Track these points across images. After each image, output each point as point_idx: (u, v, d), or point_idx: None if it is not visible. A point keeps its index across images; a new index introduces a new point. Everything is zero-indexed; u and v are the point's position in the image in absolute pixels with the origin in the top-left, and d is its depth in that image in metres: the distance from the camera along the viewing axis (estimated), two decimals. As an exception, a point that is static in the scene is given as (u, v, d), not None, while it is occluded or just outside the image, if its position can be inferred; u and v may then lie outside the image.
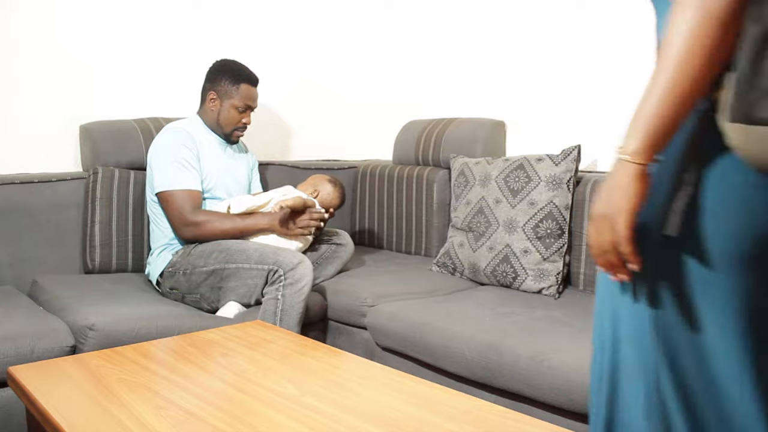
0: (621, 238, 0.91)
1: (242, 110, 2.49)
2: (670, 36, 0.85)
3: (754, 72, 0.80)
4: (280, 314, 2.11)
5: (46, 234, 2.45)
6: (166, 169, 2.35)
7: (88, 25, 2.67)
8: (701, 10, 0.82)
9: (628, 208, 0.89)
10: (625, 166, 0.89)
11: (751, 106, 0.80)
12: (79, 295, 2.16)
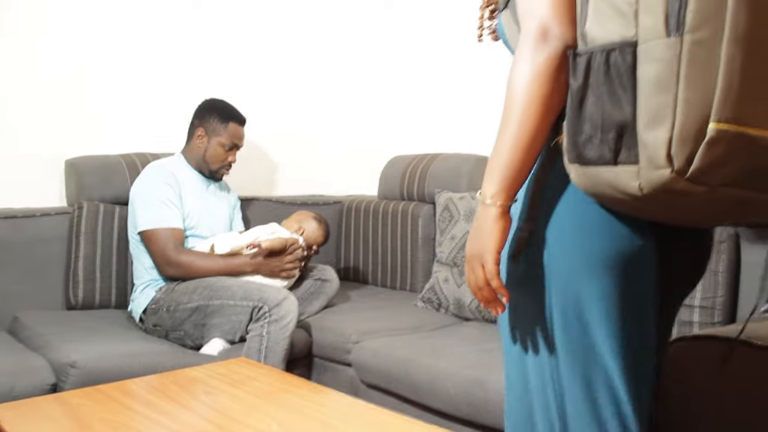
0: (490, 274, 1.01)
1: (229, 148, 2.51)
2: (510, 90, 0.97)
3: (579, 120, 0.91)
4: (265, 351, 2.10)
5: (28, 269, 2.43)
6: (148, 208, 2.35)
7: (75, 60, 2.69)
8: (532, 66, 0.95)
9: (493, 246, 1.00)
10: (487, 209, 1.00)
11: (581, 149, 0.91)
12: (60, 332, 2.14)
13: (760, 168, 0.84)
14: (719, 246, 2.01)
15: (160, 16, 2.88)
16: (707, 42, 0.81)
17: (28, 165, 2.60)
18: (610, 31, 0.88)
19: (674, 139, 0.82)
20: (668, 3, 0.82)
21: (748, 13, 0.80)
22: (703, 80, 0.81)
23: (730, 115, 0.80)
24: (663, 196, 0.86)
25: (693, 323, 2.03)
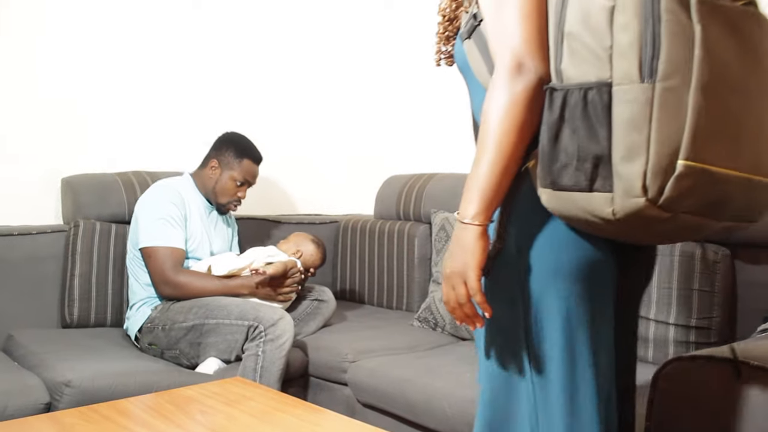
0: (473, 290, 1.08)
1: (240, 184, 2.52)
2: (486, 118, 1.05)
3: (554, 149, 1.01)
4: (261, 371, 2.09)
5: (24, 287, 2.42)
6: (152, 225, 2.35)
7: (72, 79, 2.70)
8: (508, 96, 1.03)
9: (475, 263, 1.07)
10: (467, 229, 1.07)
11: (555, 176, 1.01)
12: (55, 351, 2.13)
13: (716, 200, 0.97)
14: (714, 266, 2.02)
15: (157, 35, 2.90)
16: (676, 89, 0.92)
17: (25, 183, 2.60)
18: (586, 72, 0.97)
19: (648, 173, 0.92)
20: (641, 52, 0.92)
21: (710, 65, 0.92)
22: (673, 122, 0.92)
23: (696, 154, 0.92)
24: (634, 221, 0.96)
25: (690, 343, 2.03)
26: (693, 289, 2.05)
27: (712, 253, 2.04)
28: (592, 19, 0.97)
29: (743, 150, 0.97)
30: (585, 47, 0.97)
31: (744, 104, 0.97)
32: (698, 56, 0.91)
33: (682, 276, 2.08)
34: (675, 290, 2.09)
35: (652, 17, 0.93)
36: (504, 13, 1.06)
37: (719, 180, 0.94)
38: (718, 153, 0.94)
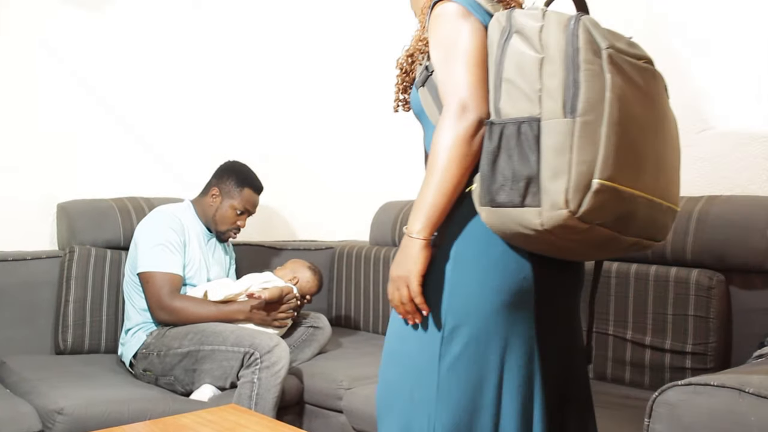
0: (414, 293, 1.28)
1: (240, 213, 2.53)
2: (435, 150, 1.25)
3: (492, 172, 1.20)
4: (256, 398, 2.08)
5: (17, 313, 2.41)
6: (151, 250, 2.35)
7: (68, 104, 2.72)
8: (453, 133, 1.24)
9: (417, 271, 1.27)
10: (413, 241, 1.27)
11: (494, 195, 1.20)
12: (48, 377, 2.11)
13: (623, 215, 1.16)
14: (709, 292, 2.03)
15: (154, 60, 2.93)
16: (592, 123, 1.12)
17: (20, 208, 2.60)
18: (520, 110, 1.19)
19: (570, 189, 1.12)
20: (565, 93, 1.14)
21: (618, 106, 1.14)
22: (589, 149, 1.12)
23: (607, 175, 1.12)
24: (558, 231, 1.15)
25: (686, 369, 2.03)
26: (688, 315, 2.06)
27: (706, 278, 2.04)
28: (525, 68, 1.19)
29: (644, 175, 1.19)
30: (519, 90, 1.19)
31: (644, 138, 1.19)
32: (608, 98, 1.13)
33: (677, 302, 2.09)
34: (670, 316, 2.10)
35: (573, 66, 1.14)
36: (451, 65, 1.28)
37: (625, 197, 1.15)
38: (625, 175, 1.14)
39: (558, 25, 1.18)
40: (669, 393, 1.38)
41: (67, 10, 2.70)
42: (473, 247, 1.26)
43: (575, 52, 1.15)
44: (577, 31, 1.16)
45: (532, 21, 1.21)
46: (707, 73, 2.33)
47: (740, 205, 2.06)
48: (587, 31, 1.17)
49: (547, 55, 1.17)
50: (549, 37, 1.18)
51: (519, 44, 1.21)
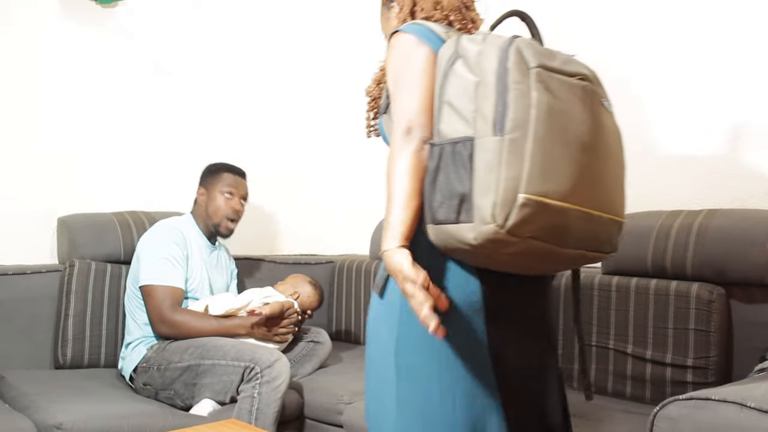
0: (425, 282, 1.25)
1: (228, 195, 2.53)
2: (389, 173, 1.32)
3: (433, 191, 1.25)
4: (256, 413, 2.07)
5: (17, 328, 2.40)
6: (153, 264, 2.35)
7: (68, 118, 2.72)
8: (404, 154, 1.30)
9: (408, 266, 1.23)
10: (389, 251, 1.28)
11: (434, 212, 1.25)
12: (47, 392, 2.11)
13: (555, 227, 1.20)
14: (710, 305, 2.03)
15: (154, 75, 2.94)
16: (519, 140, 1.17)
17: (21, 222, 2.60)
18: (456, 130, 1.24)
19: (497, 204, 1.16)
20: (495, 114, 1.19)
21: (543, 124, 1.18)
22: (516, 166, 1.16)
23: (532, 189, 1.16)
24: (490, 245, 1.18)
25: (687, 383, 2.02)
26: (689, 329, 2.05)
27: (707, 292, 2.04)
28: (463, 91, 1.25)
29: (578, 189, 1.21)
30: (457, 112, 1.25)
31: (577, 153, 1.22)
32: (534, 115, 1.18)
33: (677, 315, 2.08)
34: (671, 330, 2.09)
35: (503, 87, 1.20)
36: (399, 91, 1.35)
37: (554, 211, 1.18)
38: (553, 189, 1.18)
39: (493, 48, 1.24)
40: (670, 407, 1.38)
41: (67, 25, 2.72)
42: (423, 263, 1.26)
43: (505, 73, 1.21)
44: (509, 52, 1.22)
45: (474, 45, 1.28)
46: (707, 81, 2.34)
47: (740, 219, 2.06)
48: (518, 52, 1.22)
49: (482, 78, 1.23)
50: (485, 60, 1.24)
51: (460, 68, 1.28)
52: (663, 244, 2.16)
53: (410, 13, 1.49)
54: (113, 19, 2.83)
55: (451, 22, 1.48)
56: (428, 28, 1.38)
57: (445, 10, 1.48)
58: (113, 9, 2.83)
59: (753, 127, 2.25)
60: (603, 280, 2.30)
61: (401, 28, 1.40)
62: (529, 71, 1.21)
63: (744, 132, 2.27)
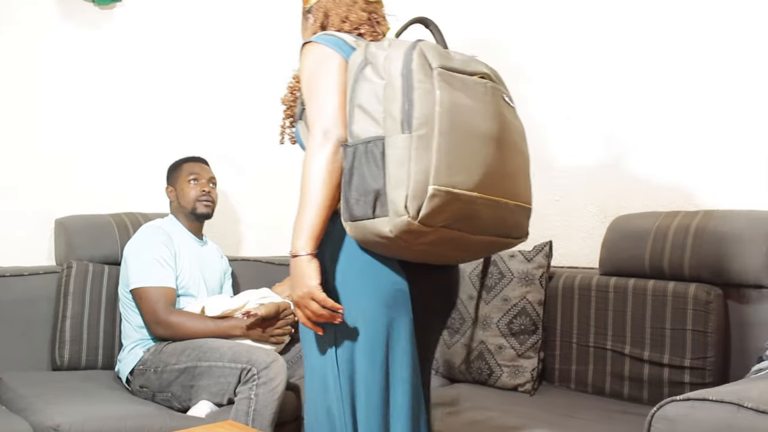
0: (323, 301, 1.39)
1: (193, 182, 2.55)
2: (305, 174, 1.40)
3: (348, 190, 1.35)
4: (253, 414, 2.07)
5: (14, 329, 2.39)
6: (141, 266, 2.35)
7: (66, 120, 2.72)
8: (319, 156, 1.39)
9: (315, 284, 1.38)
10: (300, 259, 1.39)
11: (351, 210, 1.35)
12: (44, 393, 2.10)
13: (465, 215, 1.31)
14: (707, 306, 2.03)
15: (151, 77, 2.94)
16: (425, 136, 1.27)
17: (18, 223, 2.60)
18: (368, 131, 1.34)
19: (409, 197, 1.25)
20: (402, 113, 1.28)
21: (447, 120, 1.28)
22: (425, 160, 1.26)
23: (441, 181, 1.26)
24: (405, 236, 1.29)
25: (684, 384, 2.03)
26: (686, 330, 2.05)
27: (704, 293, 2.04)
28: (373, 94, 1.35)
29: (483, 178, 1.32)
30: (367, 113, 1.35)
31: (482, 146, 1.33)
32: (438, 112, 1.28)
33: (675, 316, 2.09)
34: (668, 330, 2.10)
35: (408, 87, 1.29)
36: (313, 97, 1.45)
37: (462, 199, 1.29)
38: (460, 179, 1.28)
39: (398, 52, 1.34)
40: (667, 408, 1.38)
41: (65, 27, 2.72)
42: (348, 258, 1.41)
43: (410, 74, 1.30)
44: (413, 55, 1.32)
45: (381, 51, 1.38)
46: (707, 77, 2.35)
47: (737, 220, 2.06)
48: (421, 54, 1.32)
49: (389, 80, 1.33)
50: (391, 63, 1.34)
51: (370, 74, 1.38)
52: (660, 245, 2.16)
53: (321, 26, 1.61)
54: (111, 21, 2.83)
55: (362, 34, 1.59)
56: (339, 38, 1.50)
57: (354, 24, 1.59)
58: (111, 10, 2.83)
59: (747, 128, 2.25)
60: (601, 281, 2.30)
61: (313, 38, 1.51)
62: (432, 71, 1.31)
63: (739, 133, 2.27)
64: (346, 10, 1.60)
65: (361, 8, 1.61)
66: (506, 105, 1.43)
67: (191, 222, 2.57)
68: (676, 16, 2.40)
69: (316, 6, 1.64)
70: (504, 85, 1.47)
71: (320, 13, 1.63)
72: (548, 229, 2.71)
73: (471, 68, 1.39)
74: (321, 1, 1.64)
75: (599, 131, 2.61)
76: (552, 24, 2.75)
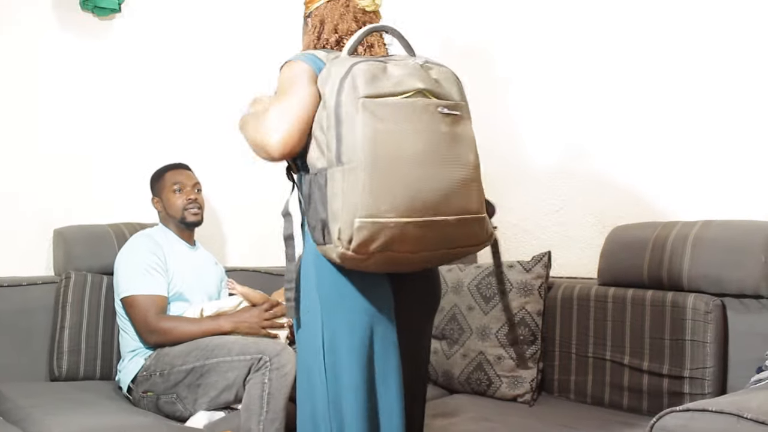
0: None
1: (178, 191, 2.54)
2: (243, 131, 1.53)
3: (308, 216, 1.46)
4: (268, 397, 2.02)
5: (12, 339, 2.39)
6: (131, 275, 2.34)
7: (65, 130, 2.72)
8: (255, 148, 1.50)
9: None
10: None
11: (313, 234, 1.44)
12: (42, 404, 2.09)
13: (394, 239, 1.36)
14: (706, 316, 2.03)
15: (151, 87, 2.94)
16: (354, 169, 1.33)
17: (16, 234, 2.59)
18: (318, 161, 1.42)
19: (341, 229, 1.34)
20: (336, 146, 1.35)
21: (370, 152, 1.34)
22: (353, 193, 1.33)
23: (365, 212, 1.33)
24: (348, 262, 1.39)
25: (684, 394, 2.02)
26: (685, 340, 2.05)
27: (703, 303, 2.05)
28: (321, 123, 1.40)
29: (418, 201, 1.35)
30: (318, 144, 1.42)
31: (414, 168, 1.36)
32: (360, 144, 1.33)
33: (674, 327, 2.09)
34: (667, 341, 2.10)
35: (337, 119, 1.35)
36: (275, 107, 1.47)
37: (390, 226, 1.34)
38: (385, 209, 1.33)
39: (334, 79, 1.38)
40: (667, 419, 1.38)
41: (66, 36, 2.73)
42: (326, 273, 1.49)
43: (338, 106, 1.36)
44: (343, 84, 1.35)
45: (326, 74, 1.43)
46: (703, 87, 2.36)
47: (736, 230, 2.07)
48: (351, 83, 1.35)
49: (327, 111, 1.38)
50: (326, 91, 1.39)
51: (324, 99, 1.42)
52: (659, 255, 2.16)
53: (318, 33, 1.64)
54: (110, 31, 2.84)
55: None
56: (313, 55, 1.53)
57: (342, 34, 1.60)
58: (110, 21, 2.83)
59: (745, 138, 2.26)
60: (599, 291, 2.30)
61: (293, 57, 1.55)
62: (357, 101, 1.34)
63: (737, 143, 2.28)
64: (337, 19, 1.61)
65: (353, 18, 1.61)
66: (444, 117, 1.42)
67: (182, 230, 2.57)
68: (671, 24, 2.42)
69: (315, 12, 1.65)
70: (446, 92, 1.45)
71: (317, 20, 1.64)
72: (547, 239, 2.72)
73: (403, 87, 1.39)
74: (319, 8, 1.64)
75: (597, 142, 2.62)
76: (548, 32, 2.76)
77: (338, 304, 1.49)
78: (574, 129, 2.68)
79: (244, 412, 2.05)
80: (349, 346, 1.47)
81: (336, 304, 1.49)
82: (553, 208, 2.74)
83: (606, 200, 2.59)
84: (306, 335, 1.54)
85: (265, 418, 2.01)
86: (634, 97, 2.52)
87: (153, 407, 2.24)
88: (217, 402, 2.17)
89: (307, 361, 1.53)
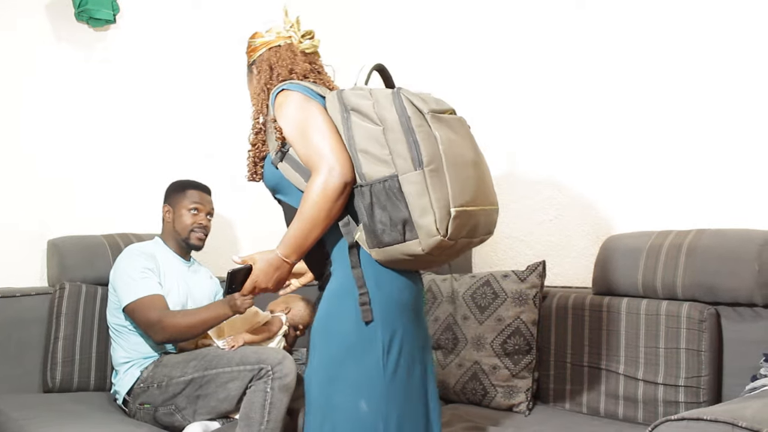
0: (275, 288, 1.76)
1: (193, 212, 2.53)
2: (306, 201, 1.60)
3: (372, 222, 1.59)
4: (269, 407, 2.03)
5: (5, 351, 2.37)
6: (129, 284, 2.33)
7: (59, 141, 2.72)
8: (321, 190, 1.58)
9: (283, 279, 1.72)
10: (283, 263, 1.68)
11: (379, 238, 1.59)
12: (36, 417, 2.08)
13: (474, 226, 1.61)
14: (700, 325, 2.04)
15: (145, 98, 2.94)
16: (436, 170, 1.54)
17: (10, 244, 2.58)
18: (379, 171, 1.57)
19: (438, 220, 1.53)
20: (410, 152, 1.54)
21: (449, 152, 1.56)
22: (441, 189, 1.53)
23: (458, 203, 1.55)
24: (435, 251, 1.56)
25: (679, 403, 2.03)
26: (680, 349, 2.06)
27: (697, 312, 2.05)
28: (372, 139, 1.57)
29: (477, 194, 1.61)
30: (373, 156, 1.57)
31: (470, 169, 1.60)
32: (441, 149, 1.55)
33: (668, 335, 2.09)
34: (662, 350, 2.10)
35: (409, 131, 1.54)
36: (309, 138, 1.62)
37: (472, 214, 1.59)
38: (467, 199, 1.57)
39: (386, 101, 1.58)
40: (662, 428, 1.38)
41: (61, 47, 2.73)
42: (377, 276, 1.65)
43: (408, 120, 1.54)
44: (403, 103, 1.56)
45: (365, 100, 1.60)
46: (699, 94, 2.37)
47: (729, 238, 2.08)
48: (409, 102, 1.56)
49: (386, 126, 1.56)
50: (383, 111, 1.57)
51: (358, 120, 1.59)
52: (653, 264, 2.17)
53: (268, 78, 1.77)
54: (105, 42, 2.84)
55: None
56: (305, 86, 1.69)
57: (300, 74, 1.76)
58: (105, 32, 2.84)
59: (738, 147, 2.27)
60: (594, 300, 2.31)
61: (285, 86, 1.69)
62: (425, 116, 1.56)
63: (730, 153, 2.29)
64: (290, 63, 1.77)
65: (302, 60, 1.79)
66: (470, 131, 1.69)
67: (181, 248, 2.55)
68: (664, 36, 2.44)
69: (259, 60, 1.82)
70: None
71: (265, 66, 1.79)
72: (542, 249, 2.73)
73: (443, 107, 1.63)
74: (263, 55, 1.81)
75: (592, 152, 2.63)
76: (542, 43, 2.78)
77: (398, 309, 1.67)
78: (569, 139, 2.69)
79: (243, 420, 2.04)
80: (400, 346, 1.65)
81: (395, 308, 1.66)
82: (547, 218, 2.74)
83: (600, 210, 2.60)
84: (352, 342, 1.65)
85: (265, 428, 2.01)
86: (629, 107, 2.53)
87: (150, 419, 2.22)
88: (216, 412, 2.16)
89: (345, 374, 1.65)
